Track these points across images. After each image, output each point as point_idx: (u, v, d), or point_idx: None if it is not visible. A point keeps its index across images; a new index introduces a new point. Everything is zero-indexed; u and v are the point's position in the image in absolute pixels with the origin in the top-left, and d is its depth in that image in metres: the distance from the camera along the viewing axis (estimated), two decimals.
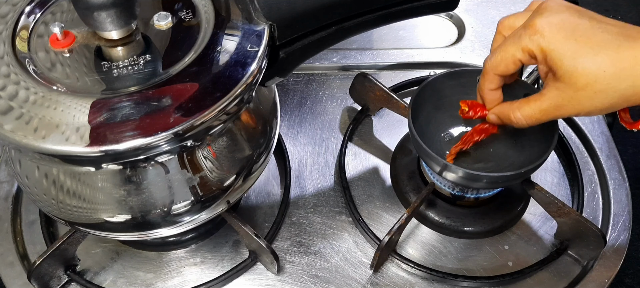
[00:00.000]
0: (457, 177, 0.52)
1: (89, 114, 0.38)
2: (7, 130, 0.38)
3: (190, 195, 0.45)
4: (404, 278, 0.56)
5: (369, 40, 0.77)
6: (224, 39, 0.43)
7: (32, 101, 0.39)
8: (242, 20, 0.44)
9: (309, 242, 0.58)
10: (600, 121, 0.68)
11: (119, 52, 0.43)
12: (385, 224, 0.59)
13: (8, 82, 0.40)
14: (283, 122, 0.68)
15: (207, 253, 0.57)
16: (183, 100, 0.39)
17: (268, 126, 0.50)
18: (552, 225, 0.58)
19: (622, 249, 0.58)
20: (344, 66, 0.74)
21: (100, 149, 0.37)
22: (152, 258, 0.57)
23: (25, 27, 0.44)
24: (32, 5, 0.45)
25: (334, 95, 0.71)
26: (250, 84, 0.42)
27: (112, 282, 0.55)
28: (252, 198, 0.62)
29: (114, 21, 0.41)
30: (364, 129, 0.68)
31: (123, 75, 0.41)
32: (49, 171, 0.42)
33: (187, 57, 0.42)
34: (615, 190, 0.62)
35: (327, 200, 0.61)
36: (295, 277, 0.56)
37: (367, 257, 0.57)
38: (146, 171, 0.42)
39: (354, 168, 0.64)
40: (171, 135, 0.38)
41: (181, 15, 0.45)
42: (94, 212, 0.44)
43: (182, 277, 0.55)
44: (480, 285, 0.55)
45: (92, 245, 0.57)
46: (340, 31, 0.50)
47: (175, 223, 0.46)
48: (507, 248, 0.58)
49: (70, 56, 0.43)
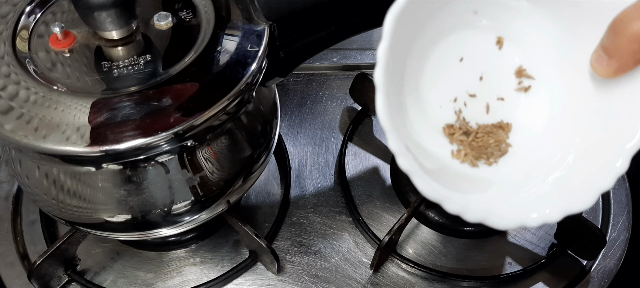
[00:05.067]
0: None
1: (89, 114, 0.38)
2: (8, 130, 0.38)
3: (190, 195, 0.45)
4: (404, 278, 0.56)
5: (369, 40, 0.77)
6: (224, 39, 0.43)
7: (32, 101, 0.39)
8: (242, 20, 0.44)
9: (309, 242, 0.58)
10: None
11: (119, 52, 0.43)
12: (385, 224, 0.59)
13: (8, 82, 0.40)
14: (283, 122, 0.68)
15: (207, 253, 0.57)
16: (183, 100, 0.39)
17: (268, 126, 0.50)
18: (552, 225, 0.58)
19: (622, 249, 0.58)
20: (344, 66, 0.74)
21: (100, 149, 0.37)
22: (152, 258, 0.57)
23: (25, 27, 0.44)
24: (33, 5, 0.45)
25: (334, 95, 0.71)
26: (250, 83, 0.42)
27: (113, 282, 0.55)
28: (252, 198, 0.62)
29: (114, 21, 0.41)
30: (364, 129, 0.68)
31: (123, 75, 0.41)
32: (50, 171, 0.42)
33: (187, 57, 0.42)
34: (615, 190, 0.62)
35: (327, 200, 0.61)
36: (295, 276, 0.56)
37: (367, 256, 0.57)
38: (146, 171, 0.42)
39: (354, 168, 0.64)
40: (171, 135, 0.38)
41: (181, 15, 0.45)
42: (94, 212, 0.44)
43: (182, 276, 0.55)
44: (480, 285, 0.55)
45: (93, 245, 0.57)
46: (340, 31, 0.50)
47: (176, 223, 0.46)
48: (507, 248, 0.58)
49: (71, 56, 0.43)
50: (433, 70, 0.38)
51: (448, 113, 0.38)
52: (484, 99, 0.39)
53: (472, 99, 0.39)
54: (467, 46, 0.39)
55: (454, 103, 0.39)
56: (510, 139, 0.38)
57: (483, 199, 0.36)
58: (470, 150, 0.37)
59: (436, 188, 0.33)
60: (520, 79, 0.39)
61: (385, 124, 0.33)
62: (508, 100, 0.39)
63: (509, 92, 0.39)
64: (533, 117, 0.39)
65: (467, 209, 0.32)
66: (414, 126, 0.37)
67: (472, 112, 0.39)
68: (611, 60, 0.35)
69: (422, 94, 0.38)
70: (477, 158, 0.37)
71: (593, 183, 0.34)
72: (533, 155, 0.38)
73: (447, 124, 0.38)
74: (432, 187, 0.32)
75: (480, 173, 0.37)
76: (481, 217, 0.32)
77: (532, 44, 0.39)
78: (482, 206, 0.34)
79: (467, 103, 0.39)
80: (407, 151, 0.34)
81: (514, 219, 0.33)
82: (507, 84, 0.39)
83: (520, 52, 0.39)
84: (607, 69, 0.35)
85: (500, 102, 0.39)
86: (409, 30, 0.36)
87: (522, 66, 0.39)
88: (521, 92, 0.39)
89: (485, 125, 0.38)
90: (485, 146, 0.37)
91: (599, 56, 0.36)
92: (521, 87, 0.39)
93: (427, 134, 0.38)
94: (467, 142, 0.37)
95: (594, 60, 0.36)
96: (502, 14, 0.39)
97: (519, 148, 0.38)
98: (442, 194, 0.32)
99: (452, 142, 0.38)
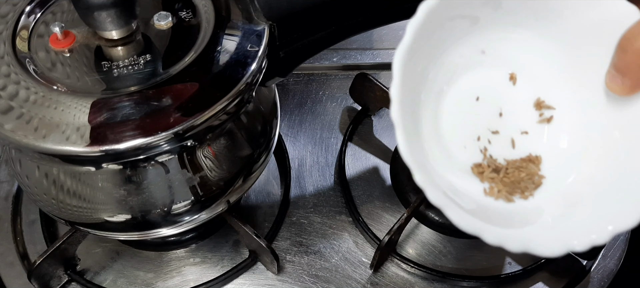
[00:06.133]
0: None
1: (89, 114, 0.38)
2: (8, 130, 0.38)
3: (190, 195, 0.45)
4: (404, 278, 0.56)
5: (369, 40, 0.77)
6: (224, 39, 0.43)
7: (32, 101, 0.39)
8: (242, 20, 0.44)
9: (309, 241, 0.58)
10: None
11: (119, 52, 0.43)
12: (385, 224, 0.59)
13: (8, 82, 0.40)
14: (283, 122, 0.68)
15: (207, 253, 0.57)
16: (183, 100, 0.39)
17: (268, 126, 0.50)
18: None
19: (622, 249, 0.58)
20: (344, 66, 0.74)
21: (100, 149, 0.37)
22: (152, 258, 0.57)
23: (25, 26, 0.44)
24: (33, 5, 0.45)
25: (334, 95, 0.71)
26: (250, 83, 0.42)
27: (112, 282, 0.55)
28: (252, 198, 0.62)
29: (114, 21, 0.41)
30: (364, 129, 0.68)
31: (123, 75, 0.41)
32: (49, 171, 0.42)
33: (187, 56, 0.42)
34: None
35: (327, 200, 0.61)
36: (295, 276, 0.56)
37: (367, 256, 0.57)
38: (146, 171, 0.42)
39: (354, 168, 0.64)
40: (171, 135, 0.38)
41: (181, 15, 0.45)
42: (94, 212, 0.44)
43: (182, 276, 0.55)
44: (480, 285, 0.55)
45: (92, 245, 0.57)
46: (340, 31, 0.50)
47: (175, 223, 0.46)
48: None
49: (71, 56, 0.43)
50: (451, 113, 0.39)
51: (474, 153, 0.38)
52: (507, 134, 0.39)
53: (496, 135, 0.39)
54: (481, 85, 0.39)
55: (478, 142, 0.38)
56: (542, 170, 0.38)
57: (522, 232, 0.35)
58: (503, 186, 0.37)
59: (472, 221, 0.32)
60: (540, 111, 0.39)
61: (409, 159, 0.32)
62: (532, 133, 0.39)
63: (532, 125, 0.39)
64: (561, 145, 0.39)
65: (508, 238, 0.32)
66: (441, 170, 0.37)
67: (498, 148, 0.38)
68: (624, 79, 0.35)
69: (443, 138, 0.38)
70: (511, 194, 0.37)
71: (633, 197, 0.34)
72: (567, 181, 0.37)
73: (474, 164, 0.38)
74: (468, 220, 0.32)
75: (517, 207, 0.37)
76: (523, 246, 0.32)
77: (545, 75, 0.39)
78: (522, 236, 0.33)
79: (491, 140, 0.38)
80: (436, 185, 0.33)
81: (558, 246, 0.32)
82: (529, 117, 0.39)
83: (535, 84, 0.40)
84: (622, 87, 0.36)
85: (524, 136, 0.39)
86: (419, 67, 0.36)
87: (540, 98, 0.39)
88: (544, 124, 0.39)
89: (514, 161, 0.38)
90: (517, 181, 0.37)
91: (613, 76, 0.36)
92: (544, 119, 0.39)
93: (456, 176, 0.37)
94: (498, 179, 0.37)
95: (608, 80, 0.37)
96: (508, 49, 0.39)
97: (553, 178, 0.38)
98: (479, 226, 0.32)
99: (483, 181, 0.38)
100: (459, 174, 0.38)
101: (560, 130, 0.39)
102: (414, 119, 0.37)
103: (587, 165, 0.37)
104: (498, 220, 0.36)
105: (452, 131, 0.38)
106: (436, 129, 0.38)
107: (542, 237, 0.34)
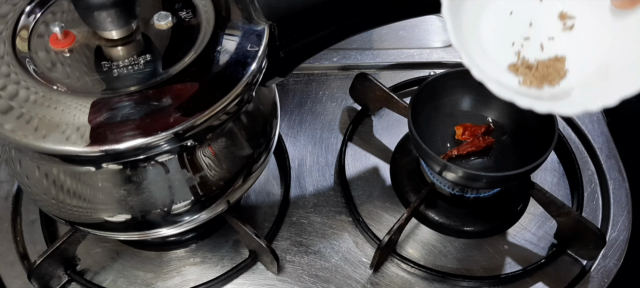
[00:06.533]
0: (457, 176, 0.52)
1: (89, 114, 0.38)
2: (8, 130, 0.38)
3: (190, 195, 0.45)
4: (403, 278, 0.56)
5: (369, 40, 0.77)
6: (224, 39, 0.43)
7: (32, 101, 0.39)
8: (242, 20, 0.44)
9: (309, 241, 0.58)
10: (600, 121, 0.68)
11: (119, 52, 0.43)
12: (385, 224, 0.59)
13: (8, 82, 0.40)
14: (283, 122, 0.68)
15: (207, 253, 0.57)
16: (183, 100, 0.39)
17: (268, 126, 0.50)
18: (551, 225, 0.58)
19: (622, 249, 0.58)
20: (344, 66, 0.74)
21: (100, 149, 0.37)
22: (152, 258, 0.57)
23: (25, 26, 0.44)
24: (32, 5, 0.45)
25: (334, 95, 0.71)
26: (250, 83, 0.42)
27: (112, 282, 0.55)
28: (252, 198, 0.62)
29: (114, 21, 0.41)
30: (364, 129, 0.68)
31: (123, 75, 0.41)
32: (49, 171, 0.42)
33: (187, 56, 0.42)
34: (615, 190, 0.62)
35: (327, 200, 0.61)
36: (295, 276, 0.56)
37: (367, 256, 0.57)
38: (146, 171, 0.42)
39: (354, 168, 0.64)
40: (171, 135, 0.38)
41: (181, 15, 0.45)
42: (94, 212, 0.44)
43: (182, 276, 0.55)
44: (480, 285, 0.55)
45: (92, 245, 0.57)
46: (340, 31, 0.50)
47: (175, 223, 0.46)
48: (507, 248, 0.58)
49: (71, 56, 0.43)
50: (490, 21, 0.47)
51: (509, 55, 0.46)
52: (537, 40, 0.47)
53: (527, 41, 0.47)
54: (514, 3, 0.47)
55: (513, 46, 0.47)
56: (566, 66, 0.46)
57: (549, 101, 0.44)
58: (534, 79, 0.45)
59: (507, 90, 0.40)
60: (564, 21, 0.47)
61: (455, 40, 0.40)
62: (557, 39, 0.47)
63: (557, 32, 0.47)
64: (581, 47, 0.47)
65: (536, 103, 0.40)
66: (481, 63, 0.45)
67: (530, 51, 0.46)
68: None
69: (483, 41, 0.46)
70: (541, 83, 0.45)
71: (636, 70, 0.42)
72: (587, 71, 0.46)
73: (510, 64, 0.46)
74: (504, 90, 0.40)
75: (546, 92, 0.45)
76: (549, 108, 0.40)
77: None
78: (549, 103, 0.42)
79: (523, 45, 0.47)
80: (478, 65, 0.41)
81: (577, 108, 0.41)
82: (554, 26, 0.47)
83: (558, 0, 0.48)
84: (622, 2, 0.44)
85: (551, 41, 0.47)
86: None
87: (563, 10, 0.47)
88: (567, 31, 0.47)
89: (543, 61, 0.46)
90: (547, 74, 0.46)
91: None
92: (567, 27, 0.47)
93: (495, 71, 0.45)
94: (531, 74, 0.45)
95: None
96: None
97: (574, 70, 0.46)
98: (513, 94, 0.40)
99: (518, 75, 0.45)
100: (497, 70, 0.45)
101: (580, 34, 0.47)
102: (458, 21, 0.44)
103: (600, 54, 0.46)
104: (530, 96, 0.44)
105: (491, 37, 0.46)
106: (477, 35, 0.46)
107: (564, 104, 0.43)
